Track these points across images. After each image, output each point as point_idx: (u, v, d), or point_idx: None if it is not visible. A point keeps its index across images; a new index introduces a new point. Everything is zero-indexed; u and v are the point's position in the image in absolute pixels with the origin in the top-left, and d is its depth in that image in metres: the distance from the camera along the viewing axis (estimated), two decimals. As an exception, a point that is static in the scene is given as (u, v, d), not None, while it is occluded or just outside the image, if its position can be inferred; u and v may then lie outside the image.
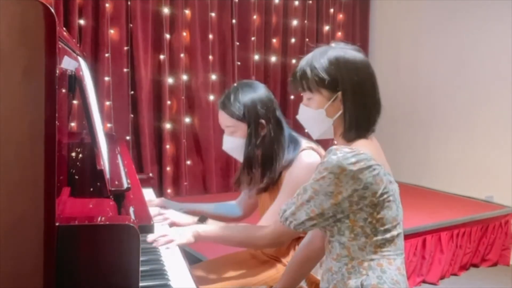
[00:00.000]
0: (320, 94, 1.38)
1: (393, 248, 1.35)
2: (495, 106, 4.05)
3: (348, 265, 1.35)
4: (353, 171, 1.26)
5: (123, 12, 3.67)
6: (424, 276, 3.39)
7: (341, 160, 1.27)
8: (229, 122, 1.76)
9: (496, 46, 4.04)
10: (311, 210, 1.32)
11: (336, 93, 1.36)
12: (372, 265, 1.33)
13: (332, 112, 1.38)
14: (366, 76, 1.38)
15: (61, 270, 0.93)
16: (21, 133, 0.87)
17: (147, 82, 3.82)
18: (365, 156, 1.28)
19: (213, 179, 4.13)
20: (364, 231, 1.32)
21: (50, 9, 0.86)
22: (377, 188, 1.29)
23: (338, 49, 1.39)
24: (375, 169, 1.28)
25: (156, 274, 1.36)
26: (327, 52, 1.39)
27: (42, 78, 0.87)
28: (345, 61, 1.36)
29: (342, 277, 1.35)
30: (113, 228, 0.98)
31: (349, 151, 1.28)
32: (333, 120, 1.39)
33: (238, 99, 1.73)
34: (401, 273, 1.36)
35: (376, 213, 1.31)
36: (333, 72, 1.36)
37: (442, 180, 4.43)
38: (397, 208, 1.36)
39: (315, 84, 1.38)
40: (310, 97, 1.41)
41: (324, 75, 1.36)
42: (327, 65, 1.36)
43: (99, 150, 1.31)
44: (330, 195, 1.29)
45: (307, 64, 1.40)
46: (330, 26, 4.81)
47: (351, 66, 1.36)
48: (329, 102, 1.38)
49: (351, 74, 1.36)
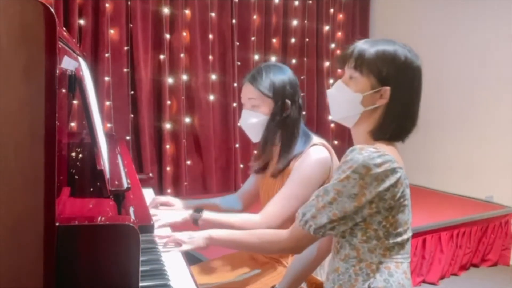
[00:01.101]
0: (367, 80, 1.32)
1: (402, 252, 1.33)
2: (495, 106, 4.05)
3: (355, 267, 1.32)
4: (378, 172, 1.22)
5: (123, 12, 3.67)
6: (424, 276, 3.39)
7: (367, 160, 1.22)
8: (255, 95, 1.76)
9: (496, 46, 4.04)
10: (333, 213, 1.27)
11: (382, 87, 1.31)
12: (380, 268, 1.30)
13: (368, 102, 1.32)
14: (419, 85, 1.36)
15: (61, 270, 0.93)
16: (21, 133, 0.87)
17: (147, 82, 3.82)
18: (390, 158, 1.25)
19: (213, 179, 4.13)
20: (377, 234, 1.29)
21: (50, 9, 0.86)
22: (397, 191, 1.26)
23: (405, 50, 1.34)
24: (397, 172, 1.25)
25: (156, 274, 1.36)
26: (395, 45, 1.33)
27: (42, 78, 0.87)
28: (408, 64, 1.32)
29: (349, 278, 1.33)
30: (113, 228, 0.98)
31: (375, 151, 1.24)
32: (365, 110, 1.33)
33: (269, 76, 1.75)
34: (407, 277, 1.34)
35: (391, 217, 1.28)
36: (392, 67, 1.30)
37: (442, 180, 4.43)
38: (409, 212, 1.33)
39: (369, 68, 1.31)
40: (355, 77, 1.34)
41: (383, 65, 1.30)
42: (390, 58, 1.31)
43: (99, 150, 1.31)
44: (354, 198, 1.24)
45: (371, 46, 1.33)
46: (330, 26, 4.81)
47: (410, 70, 1.33)
48: (371, 91, 1.32)
49: (407, 78, 1.32)
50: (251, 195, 2.00)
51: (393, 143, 1.36)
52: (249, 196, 2.00)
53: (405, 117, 1.34)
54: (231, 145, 4.24)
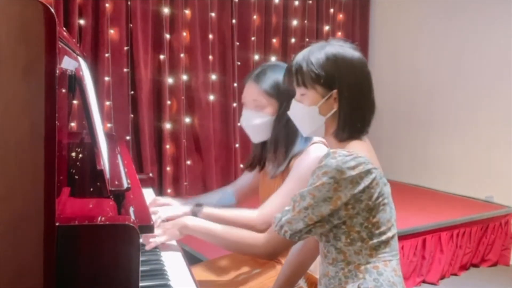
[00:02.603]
0: (315, 91, 1.35)
1: (388, 250, 1.34)
2: (495, 106, 4.05)
3: (344, 270, 1.33)
4: (352, 175, 1.24)
5: (123, 12, 3.67)
6: (424, 276, 3.39)
7: (340, 164, 1.24)
8: (259, 96, 1.73)
9: (496, 46, 4.04)
10: (309, 218, 1.29)
11: (331, 91, 1.33)
12: (369, 268, 1.32)
13: (325, 110, 1.35)
14: (363, 75, 1.36)
15: (61, 270, 0.93)
16: (21, 133, 0.87)
17: (147, 82, 3.82)
18: (363, 160, 1.26)
19: (213, 179, 4.13)
20: (360, 235, 1.30)
21: (50, 9, 0.86)
22: (373, 192, 1.27)
23: (336, 46, 1.36)
24: (372, 173, 1.27)
25: (156, 274, 1.36)
26: (325, 48, 1.35)
27: (42, 78, 0.87)
28: (343, 59, 1.33)
29: (340, 282, 1.34)
30: (113, 228, 0.97)
31: (348, 155, 1.26)
32: (326, 118, 1.36)
33: (273, 76, 1.73)
34: (397, 274, 1.35)
35: (372, 217, 1.29)
36: (330, 69, 1.32)
37: (442, 180, 4.43)
38: (391, 209, 1.35)
39: (311, 80, 1.34)
40: (303, 93, 1.37)
41: (321, 71, 1.32)
42: (325, 62, 1.33)
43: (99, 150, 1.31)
44: (329, 201, 1.26)
45: (304, 59, 1.36)
46: (330, 26, 4.81)
47: (348, 64, 1.33)
48: (323, 99, 1.34)
49: (348, 73, 1.33)
50: (247, 190, 1.99)
51: (363, 140, 1.38)
52: (245, 191, 1.99)
53: (359, 110, 1.35)
54: (231, 145, 4.24)
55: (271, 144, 1.77)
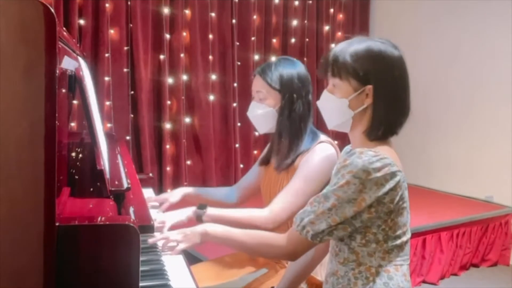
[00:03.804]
0: (348, 83, 1.31)
1: (401, 254, 1.32)
2: (495, 106, 4.05)
3: (355, 270, 1.31)
4: (377, 177, 1.21)
5: (123, 12, 3.67)
6: (424, 276, 3.39)
7: (367, 164, 1.21)
8: (262, 88, 1.78)
9: (496, 45, 4.04)
10: (332, 219, 1.25)
11: (365, 86, 1.29)
12: (380, 271, 1.30)
13: (355, 104, 1.31)
14: (402, 75, 1.32)
15: (61, 270, 0.93)
16: (21, 133, 0.87)
17: (147, 82, 3.82)
18: (389, 161, 1.24)
19: (213, 179, 4.13)
20: (376, 238, 1.28)
21: (50, 9, 0.86)
22: (395, 195, 1.25)
23: (377, 42, 1.32)
24: (397, 175, 1.25)
25: (156, 274, 1.36)
26: (366, 42, 1.32)
27: (42, 78, 0.87)
28: (383, 56, 1.30)
29: (348, 282, 1.32)
30: (113, 228, 0.97)
31: (374, 155, 1.23)
32: (354, 113, 1.32)
33: (278, 69, 1.77)
34: (407, 279, 1.34)
35: (390, 220, 1.27)
36: (368, 64, 1.29)
37: (442, 180, 4.43)
38: (407, 214, 1.33)
39: (346, 72, 1.30)
40: (336, 84, 1.33)
41: (358, 64, 1.29)
42: (364, 56, 1.29)
43: (99, 150, 1.31)
44: (354, 203, 1.23)
45: (342, 51, 1.32)
46: (330, 26, 4.81)
47: (388, 62, 1.30)
48: (355, 93, 1.30)
49: (386, 71, 1.30)
50: (250, 189, 1.99)
51: (389, 142, 1.35)
52: (248, 190, 1.99)
53: (393, 110, 1.32)
54: (231, 145, 4.24)
55: (275, 136, 1.80)
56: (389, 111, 1.31)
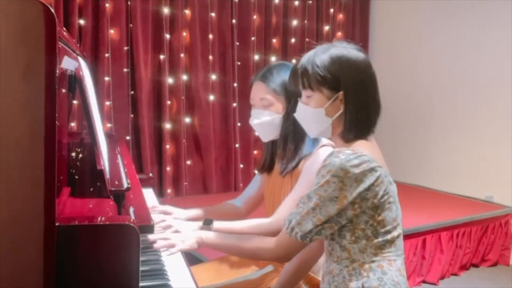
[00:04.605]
0: (321, 93, 1.35)
1: (394, 249, 1.34)
2: (495, 106, 4.05)
3: (349, 267, 1.34)
4: (356, 173, 1.25)
5: (123, 12, 3.67)
6: (424, 276, 3.39)
7: (344, 163, 1.25)
8: (267, 94, 1.74)
9: (496, 45, 4.04)
10: (317, 218, 1.29)
11: (337, 93, 1.34)
12: (373, 266, 1.32)
13: (331, 111, 1.36)
14: (368, 76, 1.37)
15: (61, 270, 0.93)
16: (21, 133, 0.87)
17: (147, 82, 3.82)
18: (367, 158, 1.27)
19: (213, 179, 4.13)
20: (365, 233, 1.31)
21: (50, 9, 0.86)
22: (378, 190, 1.28)
23: (340, 48, 1.36)
24: (377, 171, 1.27)
25: (156, 274, 1.36)
26: (329, 50, 1.36)
27: (42, 78, 0.87)
28: (348, 61, 1.34)
29: (343, 280, 1.34)
30: (113, 228, 0.98)
31: (351, 153, 1.27)
32: (332, 119, 1.37)
33: (280, 74, 1.74)
34: (402, 274, 1.35)
35: (377, 215, 1.30)
36: (335, 71, 1.33)
37: (442, 180, 4.43)
38: (397, 209, 1.35)
39: (316, 83, 1.35)
40: (310, 95, 1.38)
41: (326, 73, 1.33)
42: (330, 64, 1.33)
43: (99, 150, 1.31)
44: (336, 200, 1.27)
45: (309, 62, 1.37)
46: (330, 26, 4.81)
47: (353, 65, 1.34)
48: (329, 101, 1.35)
49: (353, 74, 1.34)
50: (256, 198, 1.98)
51: (369, 140, 1.38)
52: (254, 199, 1.97)
53: (364, 111, 1.36)
54: (231, 145, 4.24)
55: (281, 141, 1.77)
56: (360, 112, 1.35)
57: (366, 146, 1.34)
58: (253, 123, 1.80)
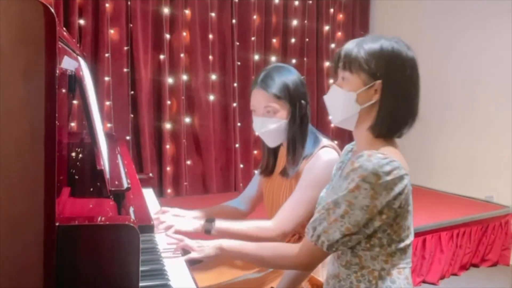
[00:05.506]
0: (358, 77, 1.29)
1: (404, 257, 1.31)
2: (495, 106, 4.05)
3: (357, 273, 1.30)
4: (387, 181, 1.19)
5: (123, 12, 3.67)
6: (424, 276, 3.39)
7: (377, 168, 1.19)
8: (271, 102, 1.70)
9: (496, 45, 4.04)
10: (346, 228, 1.23)
11: (375, 81, 1.28)
12: (383, 274, 1.29)
13: (363, 99, 1.30)
14: (412, 76, 1.32)
15: (61, 270, 0.93)
16: (21, 133, 0.87)
17: (147, 82, 3.82)
18: (397, 164, 1.22)
19: (213, 179, 4.13)
20: (381, 242, 1.27)
21: (50, 9, 0.86)
22: (403, 199, 1.24)
23: (392, 41, 1.31)
24: (404, 179, 1.23)
25: (156, 274, 1.36)
26: (380, 39, 1.30)
27: (42, 78, 0.87)
28: (396, 55, 1.28)
29: (351, 285, 1.31)
30: (113, 228, 0.98)
31: (383, 157, 1.21)
32: (361, 108, 1.30)
33: (281, 78, 1.70)
34: (409, 282, 1.33)
35: (396, 224, 1.26)
36: (380, 60, 1.27)
37: (442, 180, 4.43)
38: (411, 217, 1.32)
39: (357, 65, 1.29)
40: (346, 77, 1.31)
41: (371, 59, 1.27)
42: (377, 51, 1.28)
43: (99, 150, 1.31)
44: (366, 210, 1.21)
45: (356, 45, 1.31)
46: (330, 26, 4.81)
47: (400, 60, 1.29)
48: (364, 87, 1.29)
49: (397, 69, 1.29)
50: (256, 198, 1.97)
51: (395, 144, 1.34)
52: (254, 200, 1.98)
53: (400, 109, 1.31)
54: (231, 145, 4.24)
55: (289, 146, 1.74)
56: (396, 109, 1.30)
57: (394, 151, 1.29)
58: (260, 131, 1.76)
